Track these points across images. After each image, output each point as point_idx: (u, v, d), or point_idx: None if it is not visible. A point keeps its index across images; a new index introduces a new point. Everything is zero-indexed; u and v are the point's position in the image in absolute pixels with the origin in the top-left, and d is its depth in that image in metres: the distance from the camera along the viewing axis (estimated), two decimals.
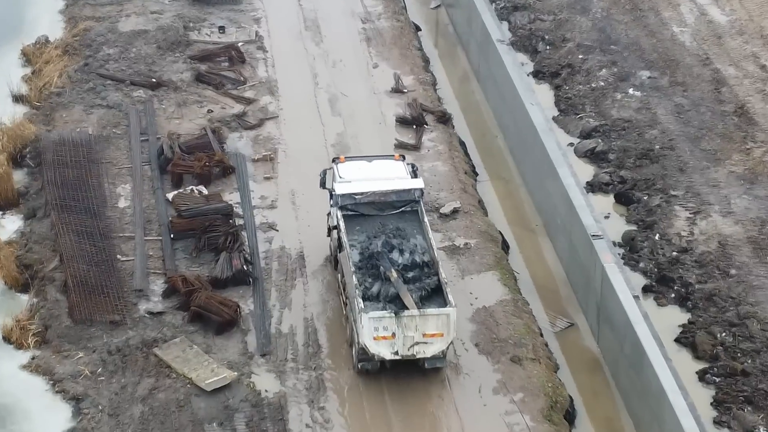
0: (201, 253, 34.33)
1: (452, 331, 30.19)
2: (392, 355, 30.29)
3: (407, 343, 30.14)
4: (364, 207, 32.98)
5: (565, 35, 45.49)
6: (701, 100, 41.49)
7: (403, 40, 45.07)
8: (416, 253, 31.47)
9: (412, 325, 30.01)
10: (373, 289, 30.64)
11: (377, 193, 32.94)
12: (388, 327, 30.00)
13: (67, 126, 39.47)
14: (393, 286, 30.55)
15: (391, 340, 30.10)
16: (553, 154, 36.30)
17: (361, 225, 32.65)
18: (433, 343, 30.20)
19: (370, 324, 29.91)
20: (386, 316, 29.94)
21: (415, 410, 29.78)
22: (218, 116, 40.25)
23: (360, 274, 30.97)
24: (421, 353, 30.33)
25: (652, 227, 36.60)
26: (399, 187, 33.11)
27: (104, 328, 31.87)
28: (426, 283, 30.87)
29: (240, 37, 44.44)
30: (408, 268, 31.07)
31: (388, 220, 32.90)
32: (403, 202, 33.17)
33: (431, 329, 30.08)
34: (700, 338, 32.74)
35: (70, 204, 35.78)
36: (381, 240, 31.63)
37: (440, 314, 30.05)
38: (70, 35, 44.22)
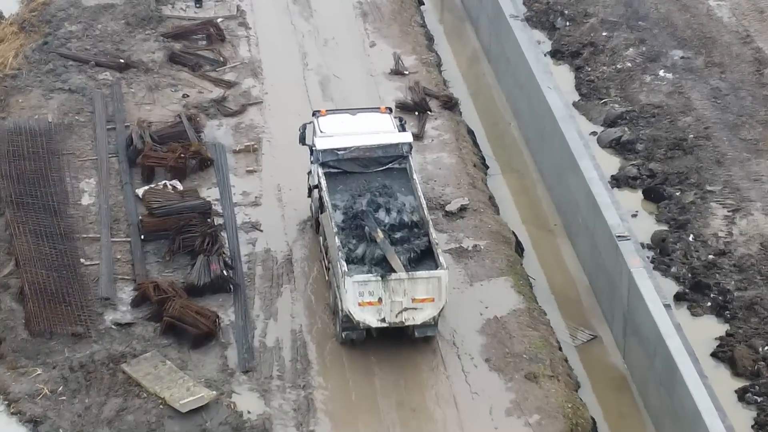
0: (175, 257, 34.41)
1: (444, 296, 31.13)
2: (379, 323, 31.22)
3: (395, 309, 31.03)
4: (347, 164, 33.96)
5: (587, 9, 45.59)
6: (741, 83, 41.59)
7: (404, 15, 45.23)
8: (404, 213, 32.38)
9: (400, 289, 30.90)
10: (357, 251, 31.55)
11: (362, 148, 33.89)
12: (374, 292, 30.86)
13: (24, 113, 39.55)
14: (379, 247, 31.47)
15: (377, 306, 30.99)
16: (574, 145, 36.35)
17: (345, 183, 33.60)
18: (423, 308, 31.13)
19: (354, 288, 30.76)
20: (372, 279, 30.83)
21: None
22: (195, 101, 40.35)
23: (343, 235, 31.87)
24: (411, 320, 31.25)
25: (685, 227, 36.65)
26: (385, 142, 34.06)
27: (66, 342, 31.83)
28: (415, 245, 31.76)
29: (219, 11, 44.60)
30: (395, 228, 32.00)
31: (373, 177, 33.84)
32: (390, 158, 34.08)
33: (421, 294, 30.98)
34: (740, 352, 32.76)
35: (27, 201, 35.81)
36: (366, 198, 32.58)
37: (431, 277, 30.95)
38: (27, 10, 44.33)
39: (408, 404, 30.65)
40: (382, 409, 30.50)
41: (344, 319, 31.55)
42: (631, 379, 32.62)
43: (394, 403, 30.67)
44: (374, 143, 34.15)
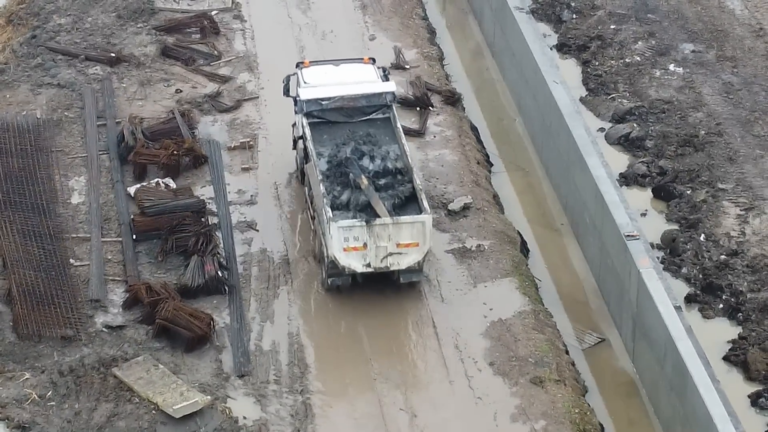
0: (168, 257, 34.51)
1: (428, 241, 32.87)
2: (364, 268, 32.88)
3: (380, 254, 32.69)
4: (331, 113, 35.61)
5: (594, 1, 45.69)
6: (754, 78, 41.69)
7: (405, 7, 45.25)
8: (388, 160, 34.00)
9: (384, 234, 32.57)
10: (342, 197, 33.21)
11: (345, 97, 35.59)
12: (358, 237, 32.53)
13: (11, 108, 39.61)
14: (363, 193, 33.04)
15: (362, 251, 32.63)
16: (581, 141, 36.39)
17: (329, 133, 35.22)
18: (407, 253, 32.80)
19: (339, 234, 32.38)
20: (357, 224, 32.49)
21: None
22: (188, 97, 40.42)
23: (328, 182, 33.50)
24: (396, 265, 32.92)
25: (696, 226, 36.75)
26: (369, 91, 35.76)
27: (55, 345, 31.90)
28: (399, 191, 33.44)
29: (214, 4, 44.61)
30: (379, 175, 33.59)
31: (357, 127, 35.41)
32: (374, 108, 35.83)
33: (405, 238, 32.67)
34: (753, 356, 32.84)
35: (15, 199, 35.89)
36: (350, 146, 34.13)
37: (415, 222, 32.67)
38: (15, 2, 44.41)
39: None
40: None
41: (330, 266, 32.97)
42: (640, 383, 32.69)
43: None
44: (358, 93, 35.71)
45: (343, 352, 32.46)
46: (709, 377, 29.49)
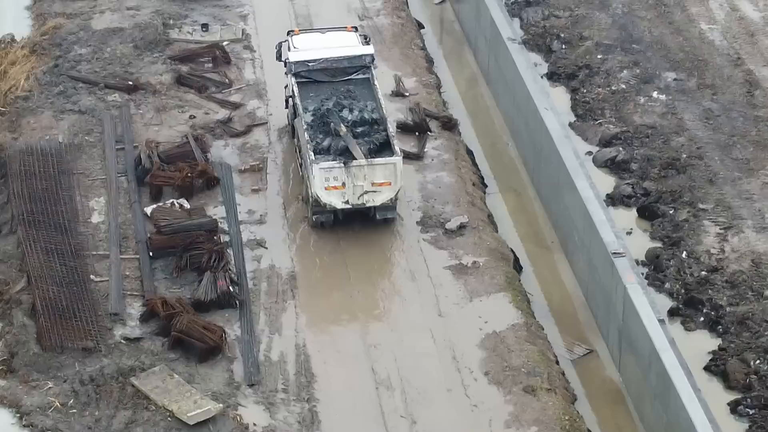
0: (182, 273, 34.49)
1: (399, 180, 35.44)
2: (343, 204, 35.51)
3: (357, 192, 35.29)
4: (317, 74, 38.29)
5: (582, 33, 45.65)
6: (732, 105, 41.66)
7: (405, 38, 45.22)
8: (365, 112, 36.71)
9: (360, 174, 35.18)
10: (323, 143, 35.80)
11: (329, 59, 38.30)
12: (338, 177, 35.11)
13: (35, 133, 39.60)
14: (343, 140, 35.60)
15: (341, 189, 35.25)
16: (570, 164, 36.40)
17: (315, 91, 37.83)
18: (381, 191, 35.43)
19: (321, 174, 34.98)
20: (336, 166, 35.07)
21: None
22: (201, 122, 40.42)
23: (312, 131, 36.16)
24: (371, 201, 35.56)
25: (678, 244, 36.72)
26: (350, 54, 38.45)
27: (76, 356, 31.86)
28: (374, 138, 36.04)
29: (225, 35, 44.64)
30: (357, 124, 36.30)
31: (340, 85, 38.09)
32: (355, 68, 38.49)
33: (379, 178, 35.27)
34: (732, 366, 32.84)
35: (39, 219, 35.87)
36: (332, 101, 36.96)
37: (387, 163, 35.32)
38: (39, 34, 44.39)
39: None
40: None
41: (314, 204, 35.64)
42: (626, 392, 32.68)
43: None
44: (340, 55, 38.41)
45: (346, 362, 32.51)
46: (691, 386, 29.49)
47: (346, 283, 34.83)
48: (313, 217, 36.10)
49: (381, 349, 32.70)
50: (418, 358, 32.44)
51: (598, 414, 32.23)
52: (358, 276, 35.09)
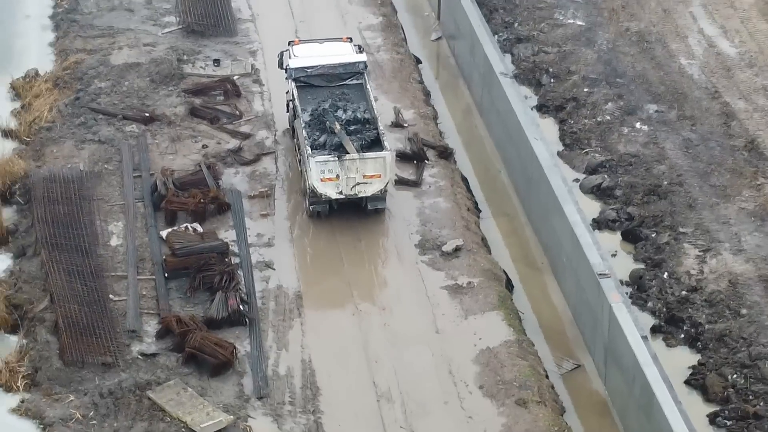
0: (196, 293, 34.50)
1: (388, 173, 36.61)
2: (337, 195, 36.58)
3: (350, 183, 36.34)
4: (314, 79, 39.39)
5: (569, 68, 45.66)
6: (710, 135, 41.62)
7: (404, 72, 45.24)
8: (358, 112, 37.74)
9: (353, 167, 36.19)
10: (320, 140, 36.94)
11: (326, 66, 39.41)
12: (332, 170, 36.15)
13: (58, 162, 39.61)
14: (337, 136, 36.63)
15: (335, 181, 36.30)
16: (559, 191, 36.41)
17: (312, 95, 38.89)
18: (372, 183, 36.49)
19: (317, 167, 36.07)
20: (330, 159, 36.14)
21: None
22: (213, 151, 40.40)
23: (309, 129, 37.28)
24: (363, 192, 36.58)
25: (660, 265, 36.74)
26: (345, 61, 39.54)
27: (96, 370, 31.93)
28: (366, 135, 37.05)
29: (235, 70, 44.66)
30: (351, 122, 37.30)
31: (335, 89, 39.13)
32: (349, 74, 39.51)
33: (370, 171, 36.29)
34: (711, 380, 32.86)
35: (61, 242, 35.88)
36: (328, 102, 38.03)
37: (377, 158, 36.34)
38: (61, 68, 44.43)
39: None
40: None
41: (311, 195, 36.72)
42: (611, 404, 32.67)
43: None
44: (336, 62, 39.49)
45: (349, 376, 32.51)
46: (672, 399, 29.51)
47: (349, 301, 34.86)
48: (310, 207, 37.21)
49: (382, 364, 32.73)
50: (416, 373, 32.47)
51: (585, 425, 32.23)
52: (360, 295, 35.10)
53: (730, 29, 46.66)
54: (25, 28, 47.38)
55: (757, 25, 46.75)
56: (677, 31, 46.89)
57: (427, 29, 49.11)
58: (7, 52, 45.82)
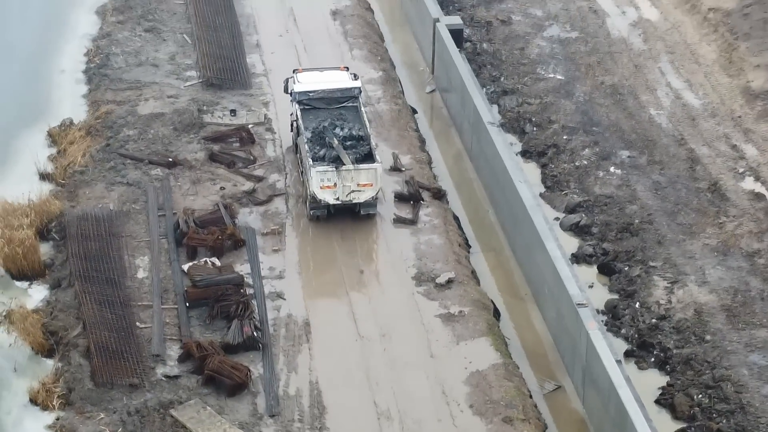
0: (214, 321, 34.52)
1: (379, 182, 37.98)
2: (334, 200, 37.93)
3: (345, 191, 37.66)
4: (315, 102, 40.47)
5: (550, 117, 45.71)
6: (677, 178, 41.72)
7: (401, 121, 45.33)
8: (353, 130, 39.28)
9: (348, 177, 37.57)
10: (320, 153, 38.32)
11: (325, 90, 40.53)
12: (330, 178, 37.50)
13: (90, 202, 39.67)
14: (335, 150, 38.06)
15: (333, 189, 37.64)
16: (541, 228, 36.46)
17: (314, 115, 40.16)
18: (364, 191, 37.86)
19: (317, 176, 37.51)
20: (329, 169, 37.56)
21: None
22: (230, 193, 40.45)
23: (311, 144, 38.71)
24: (356, 198, 37.97)
25: (632, 296, 36.81)
26: (342, 87, 40.74)
27: (124, 391, 31.98)
28: (360, 150, 38.55)
29: (250, 119, 44.69)
30: (347, 139, 38.85)
31: (334, 111, 40.39)
32: (346, 98, 40.64)
33: (363, 180, 37.72)
34: (679, 400, 32.92)
35: (93, 275, 35.97)
36: (327, 121, 39.54)
37: (369, 168, 37.76)
38: (93, 118, 44.49)
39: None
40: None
41: (311, 200, 38.08)
42: (589, 422, 32.70)
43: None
44: (334, 87, 40.64)
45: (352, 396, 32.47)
46: (644, 417, 29.58)
47: (351, 328, 34.85)
48: (310, 212, 38.42)
49: (382, 385, 32.76)
50: (413, 393, 32.47)
51: None
52: (362, 322, 35.07)
53: (694, 83, 46.85)
54: (61, 81, 47.41)
55: (719, 79, 46.91)
56: (647, 85, 47.07)
57: (422, 83, 49.18)
58: (45, 103, 45.83)
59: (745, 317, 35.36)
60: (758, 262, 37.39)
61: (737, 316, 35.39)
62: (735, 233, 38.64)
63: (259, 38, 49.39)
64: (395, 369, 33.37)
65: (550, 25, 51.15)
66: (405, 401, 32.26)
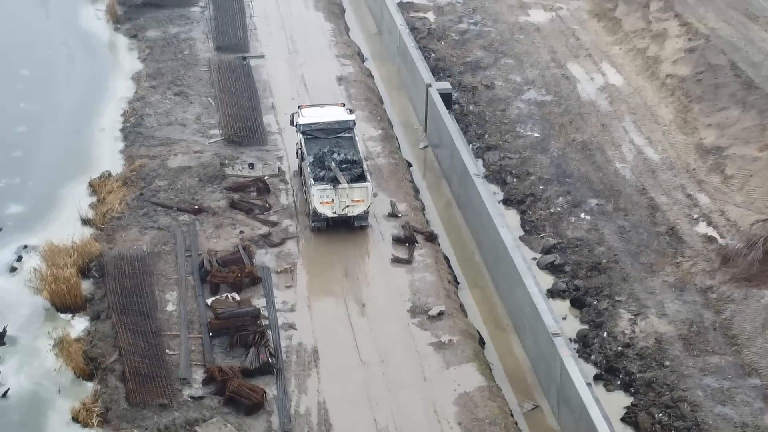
0: (234, 348, 34.48)
1: (369, 199, 39.48)
2: (332, 214, 39.36)
3: (341, 206, 39.21)
4: (317, 132, 41.99)
5: (528, 170, 45.75)
6: (639, 223, 41.75)
7: (398, 174, 45.37)
8: (348, 155, 40.75)
9: (344, 194, 39.10)
10: (320, 174, 39.83)
11: (325, 122, 42.14)
12: (329, 195, 39.07)
13: (126, 244, 39.72)
14: (333, 172, 39.52)
15: (331, 204, 39.13)
16: (520, 267, 36.45)
17: (315, 143, 41.65)
18: (357, 206, 39.41)
19: (318, 193, 39.09)
20: (328, 188, 39.11)
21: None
22: (248, 236, 40.40)
23: (312, 167, 40.16)
24: (351, 212, 39.37)
25: (601, 326, 36.81)
26: (339, 119, 42.36)
27: (155, 410, 31.98)
28: (354, 171, 40.02)
29: (266, 171, 44.69)
30: (342, 162, 40.35)
31: (332, 140, 41.79)
32: (342, 129, 42.20)
33: (356, 197, 39.24)
34: (642, 418, 32.90)
35: (128, 308, 36.01)
36: (327, 148, 41.09)
37: (361, 187, 39.27)
38: (129, 170, 44.61)
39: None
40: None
41: (313, 215, 39.66)
42: None
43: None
44: (333, 120, 42.19)
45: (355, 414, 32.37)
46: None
47: (355, 355, 34.83)
48: (312, 224, 39.79)
49: (381, 405, 32.74)
50: (408, 412, 32.42)
51: None
52: (364, 350, 35.06)
53: (654, 140, 46.96)
54: (101, 138, 47.53)
55: (676, 136, 47.05)
56: (613, 141, 47.13)
57: (417, 140, 49.22)
58: (87, 158, 45.97)
59: (699, 345, 35.40)
60: (711, 296, 37.47)
61: (692, 345, 35.41)
62: (690, 271, 38.72)
63: (274, 101, 49.62)
64: (393, 390, 33.34)
65: (527, 89, 51.43)
66: (402, 419, 32.23)
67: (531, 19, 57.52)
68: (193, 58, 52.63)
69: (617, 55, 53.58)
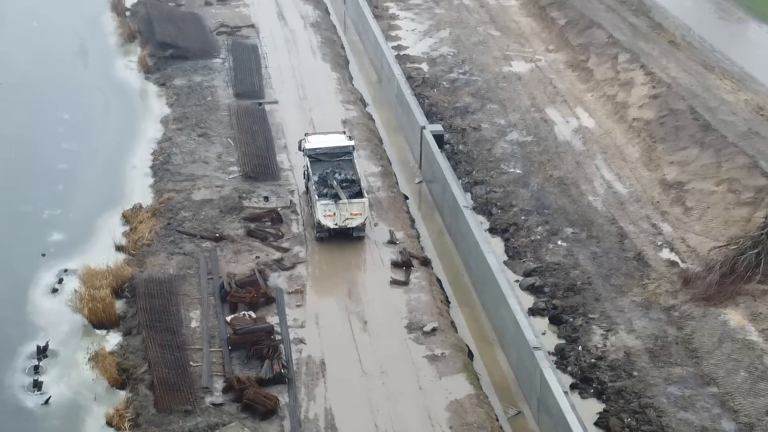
0: (250, 360, 34.41)
1: (366, 212, 40.28)
2: (334, 226, 40.30)
3: (342, 218, 40.10)
4: (321, 155, 42.86)
5: (511, 202, 45.78)
6: (610, 249, 41.81)
7: (396, 206, 45.31)
8: (348, 175, 41.67)
9: (344, 208, 40.00)
10: (324, 191, 40.73)
11: (328, 147, 43.05)
12: (331, 209, 39.98)
13: (155, 268, 39.69)
14: (334, 189, 40.44)
15: (333, 216, 40.07)
16: (504, 288, 36.49)
17: (320, 165, 42.47)
18: (356, 219, 40.21)
19: (321, 208, 40.05)
20: (330, 203, 40.11)
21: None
22: (263, 261, 40.34)
23: (317, 185, 41.17)
24: (350, 224, 40.24)
25: (576, 341, 36.82)
26: (340, 144, 43.30)
27: (180, 416, 31.95)
28: (353, 189, 40.93)
29: (279, 203, 44.64)
30: (343, 181, 41.23)
31: (334, 163, 42.47)
32: (343, 153, 43.03)
33: (355, 210, 40.12)
34: (613, 422, 32.87)
35: (156, 324, 35.99)
36: (329, 169, 41.92)
37: (359, 202, 40.18)
38: (157, 202, 44.60)
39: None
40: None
41: (317, 226, 40.56)
42: None
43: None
44: (335, 145, 43.06)
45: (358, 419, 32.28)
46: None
47: (357, 366, 34.78)
48: (316, 234, 40.70)
49: (381, 411, 32.67)
50: (405, 418, 32.37)
51: None
52: (366, 362, 35.03)
53: (622, 175, 46.99)
54: (133, 175, 47.53)
55: (641, 173, 47.11)
56: (586, 177, 47.19)
57: (412, 175, 49.19)
58: (120, 192, 46.01)
59: (663, 358, 35.39)
60: (674, 314, 37.48)
61: (658, 357, 35.40)
62: (655, 292, 38.73)
63: (286, 141, 49.68)
64: (391, 398, 33.32)
65: (510, 131, 51.60)
66: (399, 424, 32.20)
67: (513, 70, 57.90)
68: (214, 104, 52.86)
69: (590, 101, 53.90)
